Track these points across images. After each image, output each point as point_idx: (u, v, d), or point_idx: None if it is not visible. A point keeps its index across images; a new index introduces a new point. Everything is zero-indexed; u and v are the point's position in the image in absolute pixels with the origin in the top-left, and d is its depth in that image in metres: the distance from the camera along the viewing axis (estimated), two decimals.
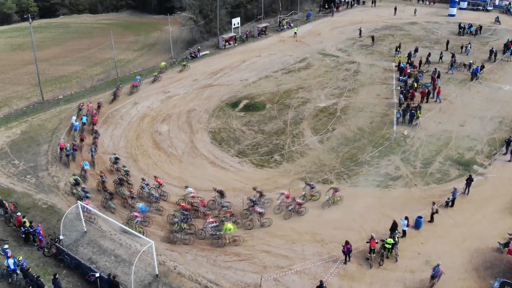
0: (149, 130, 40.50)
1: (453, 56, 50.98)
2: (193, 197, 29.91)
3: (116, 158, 34.50)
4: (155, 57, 67.74)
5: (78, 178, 31.65)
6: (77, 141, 37.53)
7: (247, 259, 25.34)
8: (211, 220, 27.12)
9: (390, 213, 28.10)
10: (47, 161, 35.70)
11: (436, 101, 42.71)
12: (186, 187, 30.77)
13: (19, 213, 27.82)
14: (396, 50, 55.58)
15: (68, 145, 35.92)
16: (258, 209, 28.25)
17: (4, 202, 29.37)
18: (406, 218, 26.36)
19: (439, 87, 43.48)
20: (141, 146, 37.84)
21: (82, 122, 40.73)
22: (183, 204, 29.22)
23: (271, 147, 37.11)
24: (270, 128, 40.08)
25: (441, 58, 51.92)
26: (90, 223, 27.96)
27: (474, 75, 47.22)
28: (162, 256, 25.56)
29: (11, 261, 23.45)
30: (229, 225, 26.28)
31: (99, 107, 43.95)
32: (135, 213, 27.89)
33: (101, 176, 31.92)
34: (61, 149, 35.68)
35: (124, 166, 33.63)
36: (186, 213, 27.93)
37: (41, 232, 26.29)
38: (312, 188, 30.36)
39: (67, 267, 24.80)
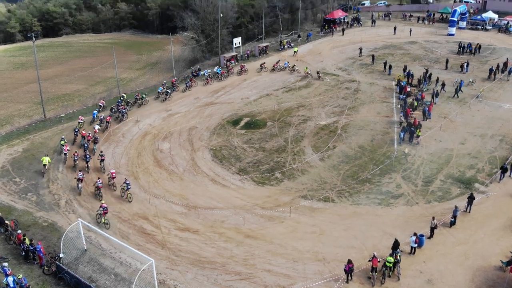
0: (150, 147, 40.60)
1: (426, 72, 52.78)
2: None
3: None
4: (157, 75, 68.27)
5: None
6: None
7: (248, 278, 25.15)
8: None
9: (392, 231, 28.02)
10: (48, 179, 35.73)
11: (427, 117, 43.04)
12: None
13: (19, 231, 27.77)
14: (388, 67, 56.05)
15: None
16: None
17: (4, 219, 29.30)
18: (415, 234, 26.23)
19: (429, 103, 44.68)
20: (142, 164, 37.90)
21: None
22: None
23: (272, 165, 37.14)
24: (271, 146, 40.17)
25: (425, 77, 52.31)
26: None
27: (459, 90, 48.12)
28: (162, 274, 25.40)
29: (10, 279, 23.29)
30: (44, 158, 36.21)
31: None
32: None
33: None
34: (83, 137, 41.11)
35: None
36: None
37: (41, 249, 26.17)
38: (128, 187, 32.66)
39: (67, 285, 24.62)
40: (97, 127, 43.19)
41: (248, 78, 57.64)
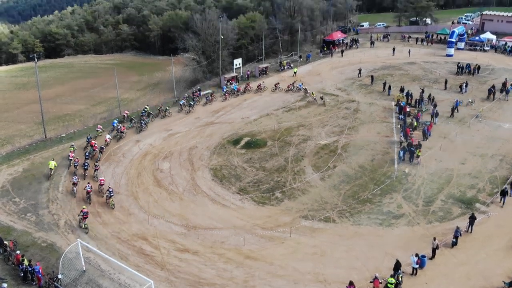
0: (150, 167, 40.58)
1: (422, 91, 53.27)
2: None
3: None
4: (158, 96, 68.67)
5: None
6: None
7: None
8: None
9: (393, 251, 27.79)
10: (47, 199, 35.63)
11: (426, 137, 43.28)
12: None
13: (18, 251, 27.59)
14: (388, 88, 56.42)
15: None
16: None
17: (3, 240, 29.13)
18: (416, 255, 26.02)
19: (429, 123, 45.22)
20: (142, 184, 37.82)
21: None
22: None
23: (272, 184, 37.06)
24: (271, 165, 40.14)
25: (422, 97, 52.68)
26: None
27: (455, 109, 48.54)
28: None
29: None
30: (51, 162, 39.35)
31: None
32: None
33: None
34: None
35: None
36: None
37: (40, 270, 25.93)
38: (111, 194, 34.56)
39: None
40: (108, 136, 45.88)
41: (249, 98, 57.97)
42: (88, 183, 35.95)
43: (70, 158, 41.27)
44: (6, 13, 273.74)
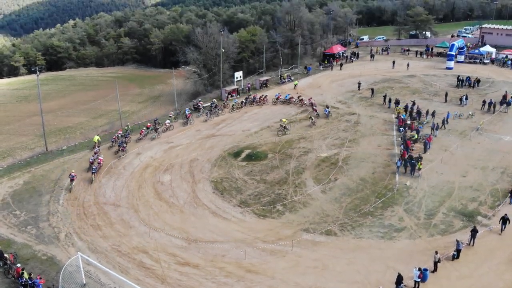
0: (151, 180, 40.55)
1: (413, 104, 53.80)
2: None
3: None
4: (159, 108, 68.96)
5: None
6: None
7: None
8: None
9: (395, 265, 27.64)
10: (48, 211, 35.56)
11: (427, 148, 43.44)
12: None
13: (18, 265, 27.47)
14: (388, 100, 56.65)
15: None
16: None
17: (4, 253, 29.01)
18: (419, 268, 25.87)
19: (428, 135, 45.32)
20: (143, 196, 37.75)
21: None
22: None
23: (273, 197, 36.99)
24: (272, 178, 40.11)
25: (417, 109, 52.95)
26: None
27: (445, 121, 48.94)
28: None
29: None
30: (95, 137, 47.09)
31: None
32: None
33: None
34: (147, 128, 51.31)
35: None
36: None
37: (40, 284, 25.77)
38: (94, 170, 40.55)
39: None
40: (167, 121, 52.46)
41: (249, 111, 58.13)
42: (95, 153, 43.95)
43: (117, 134, 48.83)
44: (8, 26, 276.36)
